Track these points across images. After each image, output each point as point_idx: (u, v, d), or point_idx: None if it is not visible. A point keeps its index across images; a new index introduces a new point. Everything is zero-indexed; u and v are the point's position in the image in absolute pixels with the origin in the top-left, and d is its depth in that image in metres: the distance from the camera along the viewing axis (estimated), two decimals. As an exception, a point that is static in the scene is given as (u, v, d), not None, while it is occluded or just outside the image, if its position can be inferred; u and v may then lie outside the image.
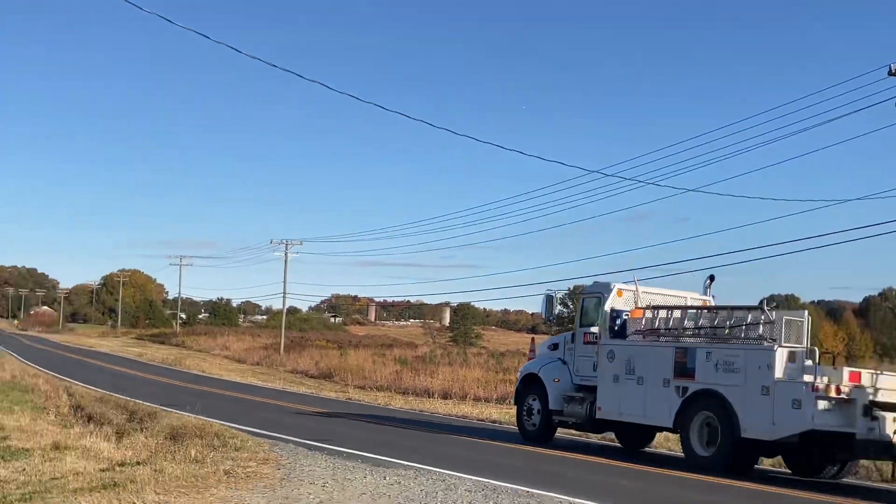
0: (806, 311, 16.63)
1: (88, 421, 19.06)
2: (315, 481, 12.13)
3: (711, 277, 19.39)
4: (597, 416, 17.88)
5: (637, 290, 18.61)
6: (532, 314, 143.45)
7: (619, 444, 20.27)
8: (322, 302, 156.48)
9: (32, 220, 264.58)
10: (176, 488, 11.05)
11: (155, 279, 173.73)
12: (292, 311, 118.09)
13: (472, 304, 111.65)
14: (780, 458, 17.04)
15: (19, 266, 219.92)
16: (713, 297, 18.95)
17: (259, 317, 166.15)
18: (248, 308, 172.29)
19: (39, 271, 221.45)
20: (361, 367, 47.94)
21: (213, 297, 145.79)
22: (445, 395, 36.51)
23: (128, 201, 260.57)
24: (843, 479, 16.16)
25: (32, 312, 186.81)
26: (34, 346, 74.80)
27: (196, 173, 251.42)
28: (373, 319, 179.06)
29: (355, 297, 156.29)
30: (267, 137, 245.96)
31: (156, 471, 12.09)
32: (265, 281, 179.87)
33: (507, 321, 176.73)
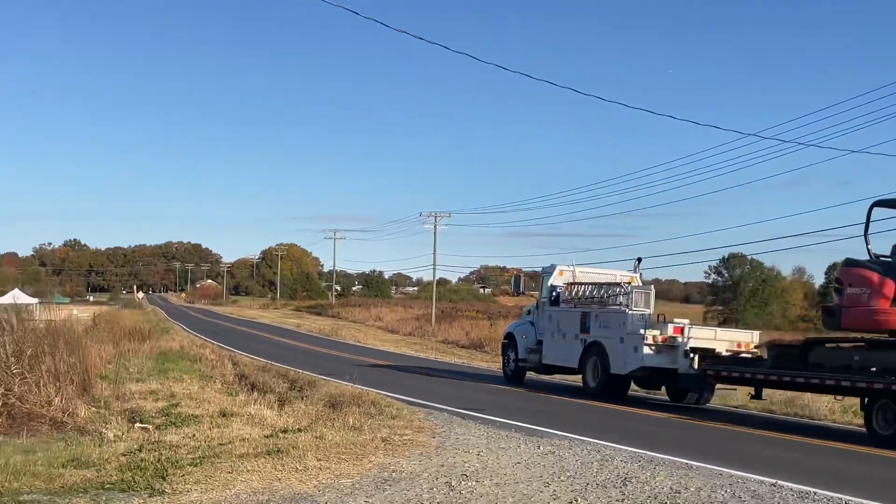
0: (651, 286, 23.72)
1: (252, 389, 19.80)
2: (469, 450, 12.21)
3: (639, 259, 25.40)
4: (542, 363, 23.90)
5: (574, 270, 24.53)
6: (685, 284, 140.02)
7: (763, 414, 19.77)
8: (471, 273, 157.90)
9: (198, 198, 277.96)
10: (336, 455, 11.34)
11: (311, 252, 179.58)
12: (442, 282, 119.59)
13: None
14: (664, 388, 22.15)
15: (185, 242, 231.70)
16: (640, 274, 24.70)
17: (410, 288, 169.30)
18: (400, 280, 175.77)
19: (204, 247, 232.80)
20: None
21: (366, 269, 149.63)
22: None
23: (285, 178, 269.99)
24: (707, 405, 21.25)
25: (198, 286, 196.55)
26: (200, 318, 78.67)
27: (349, 149, 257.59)
28: (522, 290, 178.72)
29: (504, 267, 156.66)
30: (415, 112, 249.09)
31: (316, 437, 12.45)
32: (415, 253, 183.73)
33: (660, 291, 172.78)
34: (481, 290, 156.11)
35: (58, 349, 15.49)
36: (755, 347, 19.83)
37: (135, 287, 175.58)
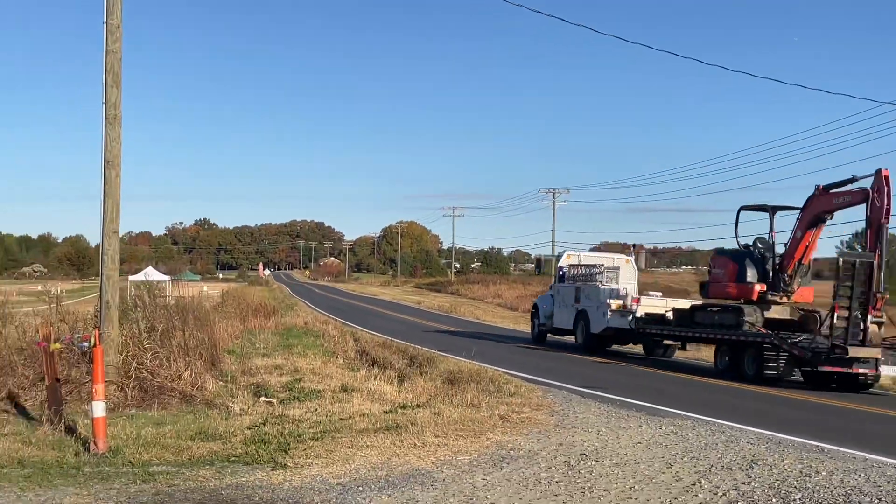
0: (632, 265, 29.94)
1: (372, 365, 20.05)
2: (589, 429, 12.03)
3: (634, 245, 32.85)
4: (553, 326, 29.98)
5: (580, 255, 32.04)
6: (814, 259, 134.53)
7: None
8: (590, 249, 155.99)
9: (321, 178, 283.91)
10: (454, 431, 11.35)
11: (430, 230, 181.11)
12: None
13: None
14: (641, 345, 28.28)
15: (309, 220, 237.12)
16: (636, 257, 31.44)
17: (529, 265, 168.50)
18: (518, 256, 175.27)
19: (326, 225, 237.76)
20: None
21: (485, 246, 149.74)
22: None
23: (406, 156, 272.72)
24: (672, 358, 26.92)
25: (321, 263, 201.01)
26: (323, 295, 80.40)
27: (468, 126, 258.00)
28: (642, 266, 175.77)
29: (624, 244, 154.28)
30: (534, 90, 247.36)
31: (435, 414, 12.49)
32: (534, 230, 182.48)
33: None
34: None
35: (188, 325, 16.02)
36: (673, 310, 25.00)
37: (261, 265, 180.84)
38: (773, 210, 21.87)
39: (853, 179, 18.94)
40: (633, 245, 31.67)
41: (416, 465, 9.54)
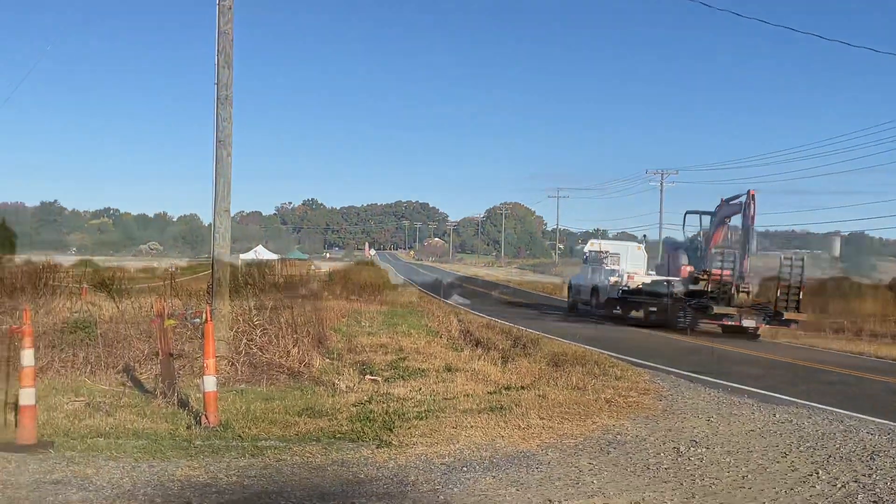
0: (628, 249, 37.95)
1: (476, 345, 20.00)
2: (699, 415, 11.72)
3: (644, 236, 45.86)
4: (580, 297, 36.73)
5: (601, 243, 38.67)
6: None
7: None
8: (699, 232, 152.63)
9: (425, 158, 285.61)
10: (559, 414, 11.20)
11: (534, 211, 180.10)
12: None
13: (867, 232, 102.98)
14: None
15: (413, 201, 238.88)
16: (643, 244, 40.29)
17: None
18: (623, 238, 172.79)
19: (431, 205, 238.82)
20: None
21: (590, 227, 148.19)
22: (837, 330, 33.90)
23: (511, 137, 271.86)
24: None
25: (425, 243, 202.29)
26: (427, 275, 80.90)
27: (573, 106, 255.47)
28: (753, 249, 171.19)
29: (734, 226, 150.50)
30: (642, 67, 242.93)
31: (539, 396, 12.36)
32: (640, 211, 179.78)
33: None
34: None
35: (296, 303, 16.28)
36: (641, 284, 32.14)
37: (366, 244, 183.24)
38: (706, 213, 31.64)
39: (740, 195, 27.95)
40: (644, 236, 38.48)
41: (521, 447, 9.44)
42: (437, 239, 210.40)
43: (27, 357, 8.95)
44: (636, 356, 19.11)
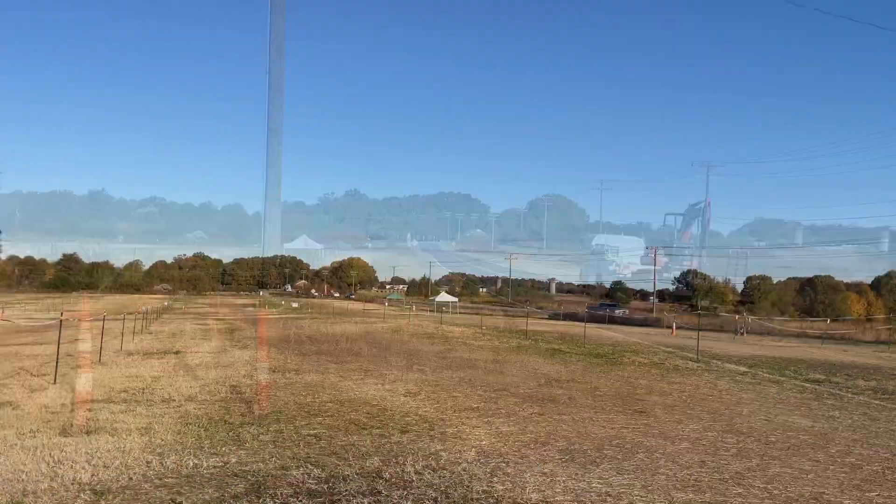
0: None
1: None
2: None
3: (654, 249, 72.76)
4: None
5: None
6: None
7: None
8: (744, 225, 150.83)
9: (467, 149, 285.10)
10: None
11: (577, 203, 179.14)
12: (713, 234, 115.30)
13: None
14: None
15: (455, 192, 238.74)
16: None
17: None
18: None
19: (473, 197, 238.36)
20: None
21: (633, 221, 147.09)
22: None
23: (554, 127, 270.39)
24: None
25: (467, 235, 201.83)
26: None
27: (616, 98, 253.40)
28: (799, 243, 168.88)
29: (780, 220, 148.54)
30: (685, 59, 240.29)
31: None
32: (685, 204, 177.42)
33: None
34: (755, 244, 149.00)
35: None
36: None
37: (408, 235, 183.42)
38: (679, 214, 56.24)
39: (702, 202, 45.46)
40: (654, 248, 62.46)
41: None
42: (478, 230, 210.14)
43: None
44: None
